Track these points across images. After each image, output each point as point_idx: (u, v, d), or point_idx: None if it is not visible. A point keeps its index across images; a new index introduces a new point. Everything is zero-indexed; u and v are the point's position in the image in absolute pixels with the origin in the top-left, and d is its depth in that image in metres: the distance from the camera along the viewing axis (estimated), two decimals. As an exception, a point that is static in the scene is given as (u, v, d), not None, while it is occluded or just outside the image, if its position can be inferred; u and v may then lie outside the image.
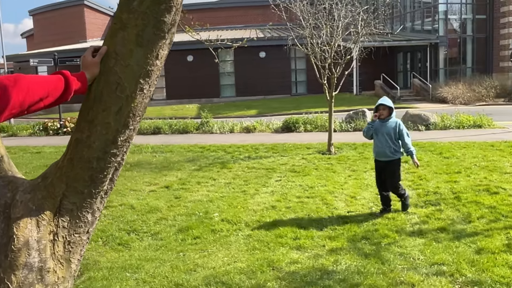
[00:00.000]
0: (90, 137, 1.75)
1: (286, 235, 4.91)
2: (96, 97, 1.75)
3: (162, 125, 15.12)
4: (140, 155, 10.64)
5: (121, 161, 1.89)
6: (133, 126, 1.82)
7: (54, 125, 15.73)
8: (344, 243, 4.63)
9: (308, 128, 14.05)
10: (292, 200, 6.26)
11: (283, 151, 10.37)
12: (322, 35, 10.05)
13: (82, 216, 1.87)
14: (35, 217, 1.78)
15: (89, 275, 4.03)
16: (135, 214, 5.83)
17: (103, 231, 5.18)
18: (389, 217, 5.37)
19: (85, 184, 1.81)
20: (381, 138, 5.40)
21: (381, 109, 5.41)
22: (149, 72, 1.77)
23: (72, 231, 1.86)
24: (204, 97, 27.59)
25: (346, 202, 6.09)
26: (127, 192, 7.02)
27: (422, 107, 19.69)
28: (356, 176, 7.63)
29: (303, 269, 4.05)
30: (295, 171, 8.17)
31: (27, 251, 1.75)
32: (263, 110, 22.10)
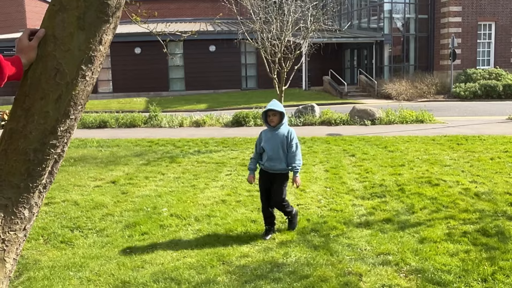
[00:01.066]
0: (26, 127, 1.63)
1: (236, 229, 4.87)
2: (33, 84, 1.63)
3: (108, 119, 14.66)
4: (85, 149, 10.25)
5: (62, 153, 1.78)
6: (74, 115, 1.71)
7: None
8: (293, 236, 4.65)
9: (258, 122, 14.08)
10: (242, 194, 6.23)
11: (233, 145, 10.32)
12: (272, 29, 10.07)
13: (18, 212, 1.74)
14: (-36, 214, 1.64)
15: (28, 275, 3.81)
16: (79, 211, 5.59)
17: (44, 229, 4.93)
18: (338, 209, 5.46)
19: (21, 178, 1.69)
20: (271, 149, 4.61)
21: (271, 115, 4.62)
22: (91, 58, 1.67)
23: (6, 228, 1.73)
24: (153, 90, 27.03)
25: (295, 195, 6.12)
26: (70, 187, 6.73)
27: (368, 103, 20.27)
28: (305, 169, 7.70)
29: (253, 262, 4.03)
30: (245, 165, 8.13)
31: (-45, 251, 1.61)
32: (213, 104, 21.94)
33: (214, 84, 27.47)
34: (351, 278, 3.66)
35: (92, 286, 3.61)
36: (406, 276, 3.70)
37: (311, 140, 10.63)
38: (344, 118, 13.82)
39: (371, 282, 3.59)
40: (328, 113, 14.24)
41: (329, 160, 8.45)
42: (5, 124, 1.69)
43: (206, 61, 27.30)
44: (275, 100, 4.70)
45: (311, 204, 5.73)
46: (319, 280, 3.64)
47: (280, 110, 4.61)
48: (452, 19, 25.76)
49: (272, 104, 4.63)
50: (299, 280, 3.65)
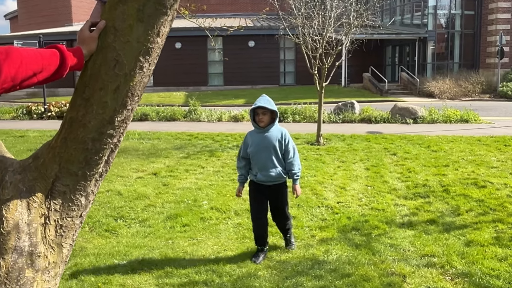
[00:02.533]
0: (85, 117, 1.67)
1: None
2: (93, 75, 1.66)
3: (150, 112, 14.95)
4: (127, 141, 10.49)
5: (118, 143, 1.81)
6: (131, 106, 1.74)
7: (38, 109, 15.44)
8: (334, 234, 4.61)
9: (297, 118, 14.02)
10: (281, 190, 6.21)
11: (272, 141, 10.29)
12: (314, 25, 9.97)
13: (76, 199, 1.79)
14: (25, 199, 1.69)
15: (75, 261, 3.94)
16: (123, 201, 5.73)
17: (89, 217, 5.08)
18: (379, 208, 5.38)
19: (79, 166, 1.73)
20: (262, 155, 3.88)
21: (260, 113, 3.85)
22: (149, 50, 1.68)
23: (64, 215, 1.78)
24: (192, 85, 27.36)
25: (335, 193, 6.07)
26: (114, 178, 6.90)
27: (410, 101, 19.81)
28: (345, 167, 7.62)
29: (293, 258, 4.03)
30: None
31: (16, 234, 1.66)
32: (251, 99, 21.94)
33: (252, 79, 27.51)
34: (394, 279, 3.59)
35: (136, 275, 3.69)
36: (452, 279, 3.60)
37: (351, 138, 10.49)
38: (384, 116, 13.57)
39: (415, 284, 3.51)
40: (368, 111, 14.01)
41: (369, 158, 8.32)
42: (65, 113, 1.73)
43: (245, 57, 27.37)
44: (265, 96, 3.93)
45: (352, 202, 5.66)
46: (361, 279, 3.59)
47: (271, 109, 3.82)
48: (501, 16, 24.77)
49: (261, 101, 3.83)
50: (341, 278, 3.61)
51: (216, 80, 28.26)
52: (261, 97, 3.92)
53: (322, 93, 10.16)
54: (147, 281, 3.58)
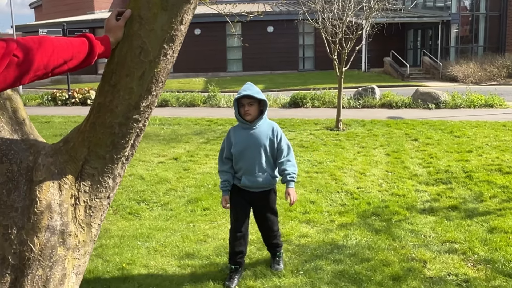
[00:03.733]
0: (112, 102, 1.74)
1: (295, 209, 4.92)
2: (119, 62, 1.73)
3: (170, 98, 15.11)
4: (148, 126, 10.63)
5: (143, 127, 1.88)
6: (155, 92, 1.81)
7: (62, 96, 15.76)
8: (354, 219, 4.64)
9: (316, 104, 13.98)
10: (300, 175, 6.25)
11: (291, 126, 10.34)
12: (333, 9, 9.88)
13: (103, 181, 1.87)
14: (57, 181, 1.79)
15: (100, 243, 4.08)
16: (145, 185, 5.87)
17: (113, 200, 5.22)
18: (399, 194, 5.37)
19: (107, 149, 1.81)
20: (248, 156, 3.28)
21: (245, 104, 3.23)
22: (173, 37, 1.74)
23: (93, 196, 1.87)
24: (211, 71, 27.43)
25: (355, 178, 6.09)
26: (136, 162, 7.05)
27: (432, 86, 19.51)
28: (365, 152, 7.61)
29: (313, 242, 4.08)
30: (303, 146, 8.16)
31: (49, 214, 1.76)
32: (270, 85, 21.96)
33: (271, 65, 27.43)
34: (414, 264, 3.61)
35: (159, 256, 3.81)
36: (474, 265, 3.61)
37: (371, 123, 10.43)
38: (406, 101, 13.42)
39: (436, 270, 3.53)
40: (389, 96, 13.88)
41: (390, 143, 8.28)
42: (94, 99, 1.81)
43: (264, 42, 27.25)
44: (250, 84, 3.32)
45: (372, 188, 5.68)
46: (381, 264, 3.63)
47: (259, 98, 3.21)
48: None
49: (247, 88, 3.22)
50: (360, 262, 3.66)
51: (235, 66, 28.26)
52: (246, 84, 3.29)
53: (342, 78, 10.10)
54: (169, 263, 3.70)
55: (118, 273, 3.54)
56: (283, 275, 3.49)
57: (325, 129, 9.93)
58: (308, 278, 3.45)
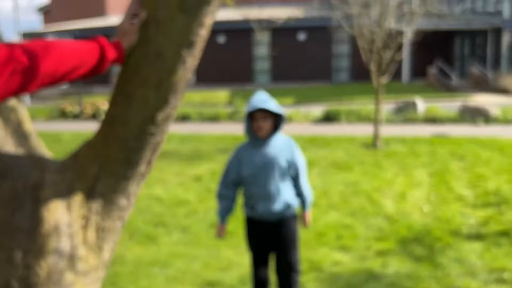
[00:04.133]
0: (126, 114, 1.74)
1: (327, 234, 4.89)
2: (133, 69, 1.73)
3: (191, 113, 15.27)
4: (167, 144, 10.75)
5: (160, 142, 1.88)
6: (174, 103, 1.80)
7: (73, 110, 16.05)
8: (392, 245, 4.58)
9: (351, 119, 13.89)
10: (334, 197, 6.22)
11: (323, 144, 10.29)
12: (371, 14, 9.86)
13: (117, 200, 1.87)
14: (66, 200, 1.80)
15: (114, 270, 4.09)
16: (163, 206, 5.91)
17: (128, 224, 5.25)
18: (443, 219, 5.28)
19: (121, 166, 1.81)
20: (262, 179, 3.05)
21: (259, 119, 3.02)
22: (192, 43, 1.74)
23: (105, 216, 1.87)
24: (236, 82, 27.66)
25: (394, 201, 6.01)
26: (153, 182, 7.11)
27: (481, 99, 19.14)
28: (406, 173, 7.50)
29: (347, 271, 4.03)
30: (337, 166, 8.10)
31: (57, 236, 1.77)
32: (301, 98, 21.96)
33: (302, 76, 27.49)
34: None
35: (178, 285, 3.80)
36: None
37: (413, 141, 10.29)
38: (451, 116, 13.20)
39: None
40: (433, 110, 13.68)
41: (433, 163, 8.14)
42: (107, 110, 1.82)
43: (294, 51, 27.38)
44: (263, 93, 3.10)
45: (413, 211, 5.59)
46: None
47: (276, 112, 3.01)
48: None
49: (261, 100, 3.00)
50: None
51: (262, 77, 28.43)
52: (259, 95, 3.06)
53: (381, 91, 10.01)
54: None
55: (133, 302, 3.53)
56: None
57: (362, 147, 9.84)
58: (341, 312, 3.37)
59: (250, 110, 2.99)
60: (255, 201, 3.07)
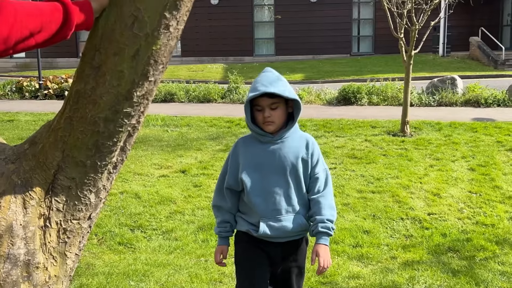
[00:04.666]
0: (95, 90, 1.75)
1: (343, 240, 4.92)
2: (105, 36, 1.74)
3: (176, 91, 15.27)
4: (147, 128, 10.78)
5: (137, 125, 1.89)
6: (154, 77, 1.82)
7: (31, 86, 16.09)
8: (423, 255, 4.62)
9: (374, 100, 13.90)
10: (351, 195, 6.25)
11: (339, 130, 10.30)
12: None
13: (83, 197, 1.89)
14: (20, 195, 1.82)
15: (80, 282, 4.12)
16: (141, 205, 5.94)
17: (98, 226, 5.29)
18: (487, 224, 5.32)
19: (88, 153, 1.83)
20: (270, 186, 2.76)
21: (265, 107, 2.73)
22: (177, 4, 1.75)
23: (69, 216, 1.89)
24: (232, 55, 27.62)
25: (426, 201, 6.04)
26: (130, 176, 7.14)
27: (535, 76, 19.12)
28: (441, 166, 7.53)
29: (366, 286, 4.07)
30: (355, 157, 8.12)
31: (9, 239, 1.79)
32: (312, 75, 21.96)
33: (314, 47, 27.42)
34: (506, 319, 3.55)
35: (158, 301, 3.84)
36: None
37: (450, 127, 10.31)
38: (499, 97, 13.21)
39: (536, 327, 3.45)
40: (475, 90, 13.68)
41: (475, 154, 8.16)
42: (71, 86, 1.83)
43: (305, 16, 27.28)
44: (271, 71, 2.83)
45: (449, 214, 5.62)
46: (460, 317, 3.57)
47: (290, 96, 2.71)
48: None
49: (267, 81, 2.72)
50: (431, 315, 3.61)
51: (264, 48, 28.38)
52: (264, 73, 2.81)
53: (411, 66, 10.01)
54: (171, 310, 3.71)
55: (103, 322, 3.56)
56: (324, 331, 3.46)
57: (386, 134, 9.85)
58: (359, 336, 3.41)
59: (253, 95, 2.68)
60: (258, 218, 2.76)
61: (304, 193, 2.79)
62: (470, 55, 25.64)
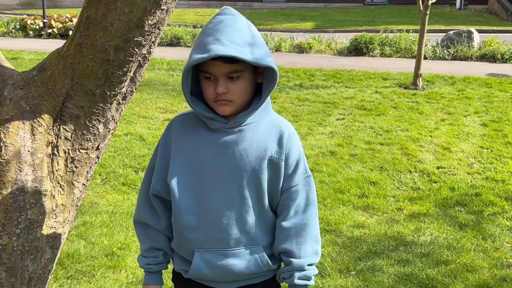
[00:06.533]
0: (106, 16, 1.74)
1: (349, 190, 4.96)
2: (117, -41, 1.72)
3: (183, 35, 15.15)
4: (152, 72, 10.74)
5: (147, 55, 1.89)
6: (166, 5, 1.80)
7: (35, 24, 16.00)
8: (430, 208, 4.65)
9: (387, 51, 13.76)
10: (359, 146, 6.27)
11: (349, 81, 10.25)
12: None
13: (92, 126, 1.91)
14: (29, 121, 1.83)
15: (83, 220, 4.20)
16: (145, 148, 5.98)
17: (102, 166, 5.34)
18: (497, 179, 5.33)
19: (98, 82, 1.83)
20: (211, 198, 1.85)
21: (219, 75, 1.75)
22: None
23: (77, 145, 1.91)
24: (241, 0, 27.25)
25: (435, 155, 6.05)
26: (134, 118, 7.16)
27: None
28: (453, 120, 7.51)
29: (370, 236, 4.11)
30: (364, 108, 8.10)
31: (17, 165, 1.81)
32: (323, 23, 21.71)
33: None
34: (510, 273, 3.60)
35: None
36: None
37: (464, 81, 10.23)
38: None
39: (540, 281, 3.51)
40: (492, 44, 13.51)
41: (489, 109, 8.13)
42: (81, 11, 1.81)
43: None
44: (232, 16, 1.77)
45: (459, 169, 5.64)
46: (464, 269, 3.63)
47: (260, 63, 1.74)
48: None
49: (224, 33, 1.72)
50: (435, 266, 3.67)
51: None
52: (223, 19, 1.76)
53: (426, 17, 9.87)
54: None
55: (106, 260, 3.64)
56: (328, 275, 3.53)
57: (397, 86, 9.80)
58: (361, 281, 3.49)
59: (199, 57, 1.68)
60: (193, 246, 1.88)
61: (270, 214, 1.91)
62: (488, 9, 25.23)
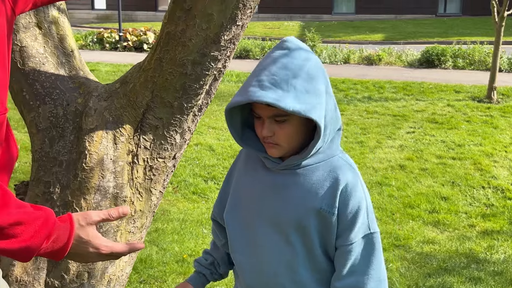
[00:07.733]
0: (185, 33, 1.84)
1: (419, 205, 4.93)
2: (197, -21, 1.82)
3: (252, 47, 15.35)
4: (222, 84, 10.94)
5: (222, 69, 1.98)
6: (241, 22, 1.88)
7: (111, 37, 16.59)
8: (503, 225, 4.58)
9: (460, 64, 13.51)
10: (429, 160, 6.20)
11: (420, 93, 10.13)
12: None
13: (169, 136, 2.01)
14: (111, 131, 1.95)
15: (156, 226, 4.34)
16: (215, 158, 6.12)
17: (174, 175, 5.50)
18: None
19: (176, 95, 1.93)
20: (259, 242, 1.70)
21: (264, 116, 1.57)
22: None
23: (155, 154, 2.01)
24: (310, 12, 27.35)
25: (510, 170, 5.93)
26: (204, 129, 7.33)
27: None
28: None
29: (441, 252, 4.08)
30: (436, 122, 8.00)
31: (100, 172, 1.93)
32: (393, 35, 21.50)
33: (396, 6, 26.75)
34: None
35: (230, 251, 4.00)
36: None
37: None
38: None
39: None
40: None
41: None
42: (161, 27, 1.92)
43: (389, -27, 26.59)
44: (287, 52, 1.57)
45: (534, 185, 5.51)
46: (539, 289, 3.55)
47: (302, 114, 1.50)
48: None
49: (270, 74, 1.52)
50: (509, 284, 3.61)
51: (344, 6, 27.91)
52: (274, 55, 1.58)
53: (502, 28, 9.65)
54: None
55: (177, 266, 3.76)
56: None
57: (471, 99, 9.62)
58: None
59: (237, 101, 1.55)
60: (244, 283, 1.79)
61: (324, 266, 1.68)
62: None
